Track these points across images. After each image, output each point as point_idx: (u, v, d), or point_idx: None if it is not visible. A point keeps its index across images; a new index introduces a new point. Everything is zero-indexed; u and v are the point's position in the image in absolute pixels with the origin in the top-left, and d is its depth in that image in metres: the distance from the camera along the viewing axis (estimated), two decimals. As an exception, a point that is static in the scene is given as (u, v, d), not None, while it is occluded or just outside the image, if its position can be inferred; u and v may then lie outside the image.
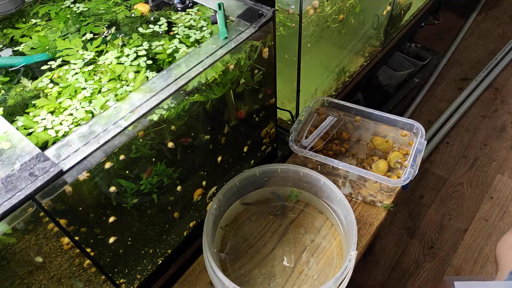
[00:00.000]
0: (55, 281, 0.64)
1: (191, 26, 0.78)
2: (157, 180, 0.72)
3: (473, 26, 1.99)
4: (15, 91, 0.67)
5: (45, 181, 0.51)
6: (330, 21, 1.03)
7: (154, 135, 0.66)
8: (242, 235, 0.96)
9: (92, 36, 0.77)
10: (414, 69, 1.76)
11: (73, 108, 0.64)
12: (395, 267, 1.31)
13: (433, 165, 1.59)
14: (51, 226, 0.57)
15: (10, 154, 0.54)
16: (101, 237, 0.69)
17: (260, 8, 0.76)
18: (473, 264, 1.29)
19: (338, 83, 1.31)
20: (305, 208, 1.00)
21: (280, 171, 0.95)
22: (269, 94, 0.90)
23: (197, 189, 0.86)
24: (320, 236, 0.95)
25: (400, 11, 1.45)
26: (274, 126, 0.99)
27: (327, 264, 0.90)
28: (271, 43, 0.79)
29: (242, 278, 0.89)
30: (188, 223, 0.89)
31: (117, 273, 0.77)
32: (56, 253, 0.61)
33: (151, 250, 0.83)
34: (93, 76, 0.69)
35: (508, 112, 1.68)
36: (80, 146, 0.56)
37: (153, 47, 0.73)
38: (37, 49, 0.76)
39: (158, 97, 0.62)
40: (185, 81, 0.65)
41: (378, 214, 0.99)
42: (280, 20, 0.95)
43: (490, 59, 1.84)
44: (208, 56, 0.68)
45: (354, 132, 1.11)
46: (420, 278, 1.29)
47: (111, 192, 0.65)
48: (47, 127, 0.61)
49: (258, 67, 0.81)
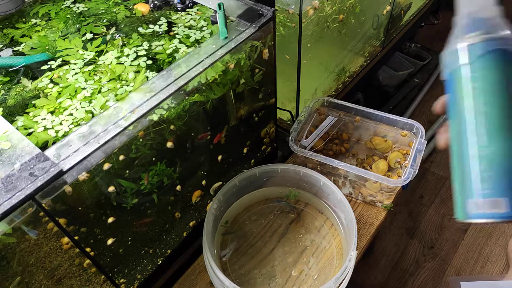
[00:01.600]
0: (55, 281, 0.64)
1: (191, 26, 0.78)
2: (157, 180, 0.72)
3: (473, 26, 1.99)
4: (15, 91, 0.67)
5: (45, 181, 0.51)
6: (330, 21, 1.03)
7: (154, 135, 0.66)
8: (242, 235, 0.96)
9: (92, 36, 0.77)
10: (414, 69, 1.76)
11: (73, 108, 0.64)
12: (395, 267, 1.31)
13: (433, 165, 1.59)
14: (50, 226, 0.57)
15: (10, 154, 0.54)
16: (101, 237, 0.69)
17: (260, 8, 0.76)
18: (473, 264, 1.29)
19: (338, 83, 1.31)
20: (305, 208, 1.00)
21: (280, 171, 0.95)
22: (269, 94, 0.90)
23: (196, 191, 0.86)
24: (320, 236, 0.95)
25: (400, 11, 1.45)
26: (274, 126, 0.99)
27: (327, 264, 0.90)
28: (271, 43, 0.79)
29: (242, 278, 0.89)
30: (188, 223, 0.89)
31: (117, 273, 0.77)
32: (56, 253, 0.61)
33: (151, 250, 0.83)
34: (93, 76, 0.69)
35: (508, 112, 1.68)
36: (80, 146, 0.56)
37: (153, 47, 0.73)
38: (37, 49, 0.76)
39: (158, 97, 0.62)
40: (185, 81, 0.65)
41: (378, 214, 0.99)
42: (280, 20, 0.95)
43: (490, 59, 1.84)
44: (208, 56, 0.68)
45: (354, 132, 1.11)
46: (420, 278, 1.29)
47: (111, 192, 0.65)
48: (47, 127, 0.61)
49: (258, 67, 0.81)
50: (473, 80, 0.39)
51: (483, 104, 0.38)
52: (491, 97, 0.38)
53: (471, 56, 0.39)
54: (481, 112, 0.38)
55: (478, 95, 0.39)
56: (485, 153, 0.38)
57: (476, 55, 0.39)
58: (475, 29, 0.39)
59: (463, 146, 0.39)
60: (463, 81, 0.39)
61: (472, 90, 0.39)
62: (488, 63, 0.38)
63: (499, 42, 0.38)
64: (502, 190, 0.37)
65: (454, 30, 0.41)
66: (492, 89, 0.38)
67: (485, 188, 0.37)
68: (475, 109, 0.39)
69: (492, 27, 0.39)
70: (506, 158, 0.37)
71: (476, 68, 0.39)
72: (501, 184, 0.37)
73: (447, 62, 0.42)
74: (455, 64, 0.40)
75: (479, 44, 0.38)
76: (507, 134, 0.37)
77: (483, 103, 0.38)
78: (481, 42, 0.38)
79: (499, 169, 0.37)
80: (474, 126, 0.38)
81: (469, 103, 0.39)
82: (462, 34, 0.40)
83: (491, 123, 0.38)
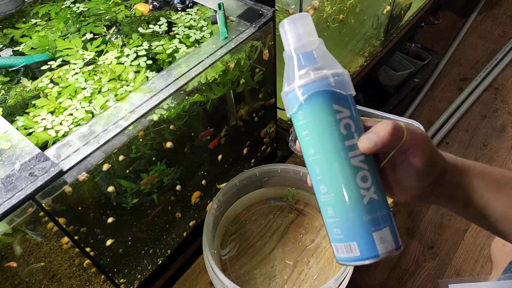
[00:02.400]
0: (55, 281, 0.64)
1: (191, 26, 0.78)
2: (157, 180, 0.72)
3: (473, 26, 1.99)
4: (15, 91, 0.67)
5: (45, 181, 0.51)
6: (330, 21, 1.03)
7: (154, 135, 0.66)
8: (242, 235, 0.96)
9: (92, 36, 0.77)
10: (414, 69, 1.76)
11: (73, 108, 0.64)
12: (395, 267, 1.31)
13: (433, 165, 1.58)
14: (50, 226, 0.57)
15: (10, 154, 0.54)
16: (101, 237, 0.69)
17: (260, 8, 0.76)
18: (473, 264, 1.29)
19: (338, 83, 1.31)
20: (305, 208, 1.00)
21: (280, 171, 0.95)
22: (269, 93, 0.90)
23: (195, 192, 0.86)
24: (320, 236, 0.95)
25: (400, 11, 1.45)
26: (274, 126, 0.99)
27: (327, 264, 0.90)
28: (271, 43, 0.79)
29: (242, 278, 0.89)
30: (188, 223, 0.89)
31: (117, 273, 0.77)
32: (56, 253, 0.61)
33: (151, 250, 0.83)
34: (93, 76, 0.69)
35: (508, 112, 1.68)
36: (80, 146, 0.56)
37: (153, 47, 0.73)
38: (37, 49, 0.76)
39: (158, 97, 0.62)
40: (185, 81, 0.65)
41: (378, 214, 0.99)
42: (280, 20, 0.95)
43: (490, 59, 1.84)
44: (208, 56, 0.68)
45: (354, 132, 1.11)
46: (420, 278, 1.29)
47: (111, 192, 0.65)
48: (47, 127, 0.61)
49: (258, 67, 0.81)
50: (303, 128, 0.37)
51: (313, 153, 0.37)
52: (319, 143, 0.36)
53: (297, 102, 0.37)
54: (314, 161, 0.37)
55: (308, 142, 0.37)
56: (328, 200, 0.37)
57: (301, 100, 0.36)
58: (300, 67, 0.37)
59: (315, 192, 0.38)
60: (297, 129, 0.38)
61: (304, 137, 0.37)
62: (313, 107, 0.36)
63: (321, 83, 0.36)
64: (351, 235, 0.36)
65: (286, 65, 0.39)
66: (319, 134, 0.36)
67: (337, 233, 0.37)
68: (309, 156, 0.37)
69: (318, 65, 0.37)
70: (346, 202, 0.36)
71: (304, 114, 0.37)
72: (349, 229, 0.36)
73: (285, 104, 0.39)
74: (291, 109, 0.38)
75: (303, 87, 0.36)
76: (339, 180, 0.36)
77: (314, 151, 0.37)
78: (305, 86, 0.36)
79: (343, 214, 0.36)
80: (314, 174, 0.37)
81: (305, 149, 0.38)
82: (291, 72, 0.38)
83: (324, 171, 0.37)
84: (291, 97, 0.37)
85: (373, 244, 0.36)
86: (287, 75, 0.38)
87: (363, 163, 0.36)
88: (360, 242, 0.36)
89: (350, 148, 0.36)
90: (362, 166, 0.36)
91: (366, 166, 0.36)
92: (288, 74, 0.38)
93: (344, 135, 0.36)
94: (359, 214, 0.36)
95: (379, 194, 0.37)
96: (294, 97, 0.37)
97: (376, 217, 0.36)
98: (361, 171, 0.36)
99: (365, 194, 0.36)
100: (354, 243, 0.36)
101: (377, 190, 0.37)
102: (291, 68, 0.38)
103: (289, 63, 0.38)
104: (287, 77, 0.38)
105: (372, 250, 0.36)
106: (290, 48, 0.38)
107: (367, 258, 0.36)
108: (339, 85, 0.37)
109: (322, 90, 0.36)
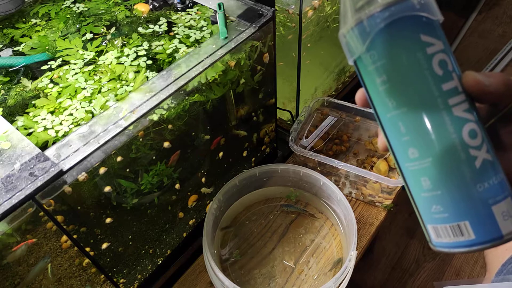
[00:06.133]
0: (55, 281, 0.64)
1: (191, 26, 0.78)
2: (157, 180, 0.72)
3: (473, 26, 1.99)
4: (15, 91, 0.67)
5: (45, 181, 0.51)
6: (330, 21, 1.03)
7: (154, 135, 0.66)
8: (242, 235, 0.96)
9: (92, 36, 0.77)
10: (414, 69, 1.76)
11: (73, 108, 0.64)
12: (395, 267, 1.31)
13: (433, 165, 1.58)
14: (50, 225, 0.57)
15: (10, 154, 0.54)
16: (101, 237, 0.69)
17: (260, 8, 0.76)
18: (473, 264, 1.29)
19: (338, 83, 1.31)
20: (305, 208, 1.00)
21: (280, 171, 0.95)
22: (269, 94, 0.90)
23: (195, 192, 0.86)
24: (320, 236, 0.95)
25: (400, 11, 1.44)
26: (274, 126, 0.99)
27: (327, 264, 0.90)
28: (271, 43, 0.79)
29: (242, 278, 0.89)
30: (188, 223, 0.89)
31: (117, 273, 0.77)
32: (56, 253, 0.61)
33: (151, 250, 0.83)
34: (93, 76, 0.69)
35: (508, 112, 1.68)
36: (80, 146, 0.56)
37: (153, 47, 0.73)
38: (37, 49, 0.76)
39: (158, 97, 0.62)
40: (185, 81, 0.65)
41: (378, 214, 0.99)
42: (280, 20, 0.95)
43: (490, 59, 1.84)
44: (208, 56, 0.68)
45: (354, 132, 1.11)
46: (420, 278, 1.29)
47: (111, 192, 0.65)
48: (47, 127, 0.61)
49: (258, 67, 0.81)
50: (377, 74, 0.28)
51: (395, 105, 0.28)
52: (404, 91, 0.27)
53: (367, 38, 0.28)
54: (397, 116, 0.28)
55: (386, 92, 0.28)
56: (421, 168, 0.28)
57: (372, 34, 0.27)
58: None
59: (396, 158, 0.29)
60: (367, 77, 0.29)
61: (379, 86, 0.28)
62: (392, 42, 0.27)
63: (401, 6, 0.27)
64: (460, 211, 0.27)
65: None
66: (404, 78, 0.27)
67: (438, 211, 0.28)
68: (388, 112, 0.28)
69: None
70: (451, 167, 0.27)
71: (379, 54, 0.28)
72: (457, 204, 0.27)
73: (345, 47, 0.31)
74: (356, 50, 0.29)
75: (377, 15, 0.27)
76: (439, 137, 0.27)
77: (396, 104, 0.28)
78: (379, 13, 0.27)
79: (446, 184, 0.27)
80: (397, 135, 0.28)
81: (380, 102, 0.29)
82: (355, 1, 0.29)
83: (414, 129, 0.27)
84: (358, 33, 0.28)
85: (494, 222, 0.26)
86: (345, 7, 0.29)
87: (468, 112, 0.27)
88: (475, 220, 0.27)
89: (449, 93, 0.27)
90: (468, 117, 0.27)
91: (472, 117, 0.27)
92: (348, 5, 0.29)
93: (440, 76, 0.27)
94: (470, 182, 0.26)
95: (492, 154, 0.27)
96: (363, 31, 0.28)
97: (493, 184, 0.27)
98: (468, 123, 0.27)
99: (476, 155, 0.27)
100: (465, 222, 0.27)
101: (489, 148, 0.27)
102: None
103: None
104: (348, 9, 0.29)
105: (493, 230, 0.26)
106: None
107: (486, 242, 0.27)
108: (426, 8, 0.27)
109: (404, 15, 0.27)
